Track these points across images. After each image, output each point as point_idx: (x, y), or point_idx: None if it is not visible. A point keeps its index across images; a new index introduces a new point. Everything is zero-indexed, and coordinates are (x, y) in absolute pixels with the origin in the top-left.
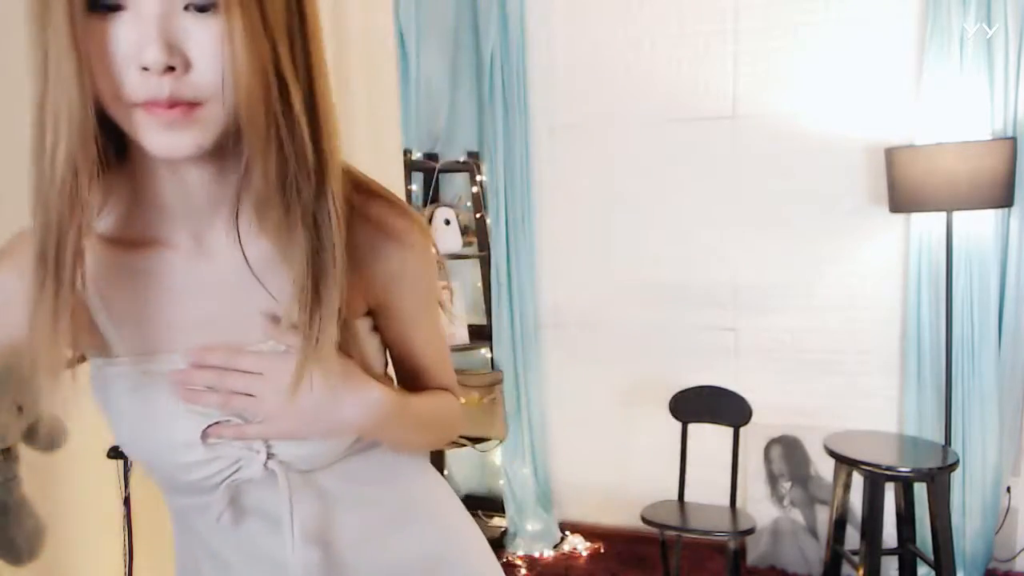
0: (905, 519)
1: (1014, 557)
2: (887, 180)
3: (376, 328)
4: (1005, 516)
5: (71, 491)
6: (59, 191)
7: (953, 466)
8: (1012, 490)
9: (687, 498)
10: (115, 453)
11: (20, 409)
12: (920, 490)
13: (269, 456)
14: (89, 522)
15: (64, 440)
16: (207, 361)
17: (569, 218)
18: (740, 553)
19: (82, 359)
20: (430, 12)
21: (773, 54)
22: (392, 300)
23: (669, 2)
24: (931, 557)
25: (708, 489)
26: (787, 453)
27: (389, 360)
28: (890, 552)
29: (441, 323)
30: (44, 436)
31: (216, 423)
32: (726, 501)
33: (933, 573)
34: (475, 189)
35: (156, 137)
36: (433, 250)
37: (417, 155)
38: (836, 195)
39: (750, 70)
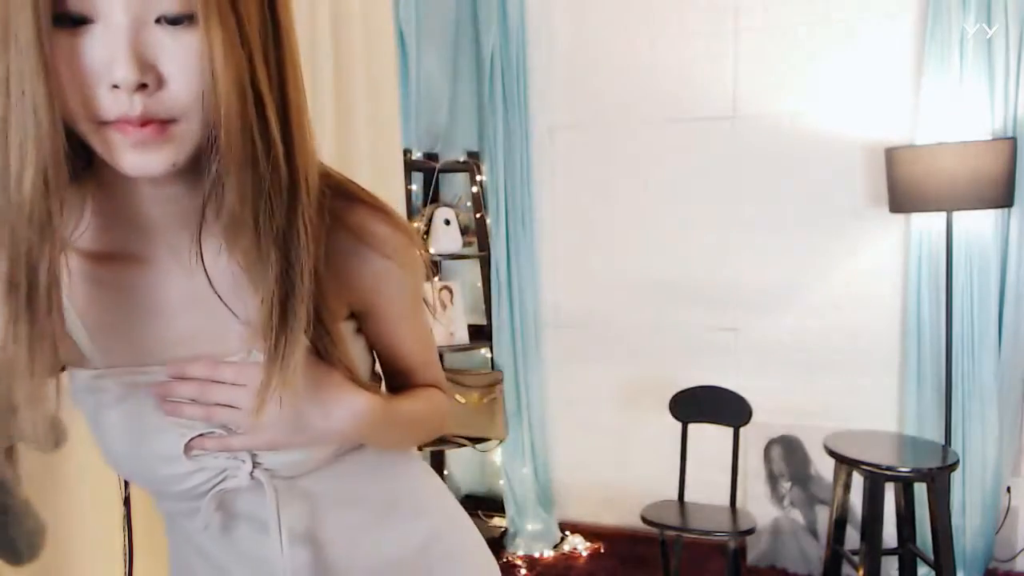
0: (905, 519)
1: (1014, 557)
2: (887, 180)
3: (361, 330)
4: (1005, 516)
5: (71, 491)
6: (28, 218)
7: (953, 466)
8: (1012, 490)
9: (687, 498)
10: None
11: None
12: (920, 490)
13: (255, 466)
14: (89, 522)
15: (64, 440)
16: (188, 373)
17: (569, 218)
18: (740, 553)
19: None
20: (430, 12)
21: (773, 54)
22: (375, 306)
23: (669, 2)
24: (931, 557)
25: (708, 489)
26: (787, 453)
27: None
28: (890, 552)
29: (427, 322)
30: (44, 436)
31: (200, 435)
32: (726, 501)
33: (933, 573)
34: (475, 189)
35: (128, 156)
36: (418, 253)
37: (417, 155)
38: (836, 195)
39: (750, 70)
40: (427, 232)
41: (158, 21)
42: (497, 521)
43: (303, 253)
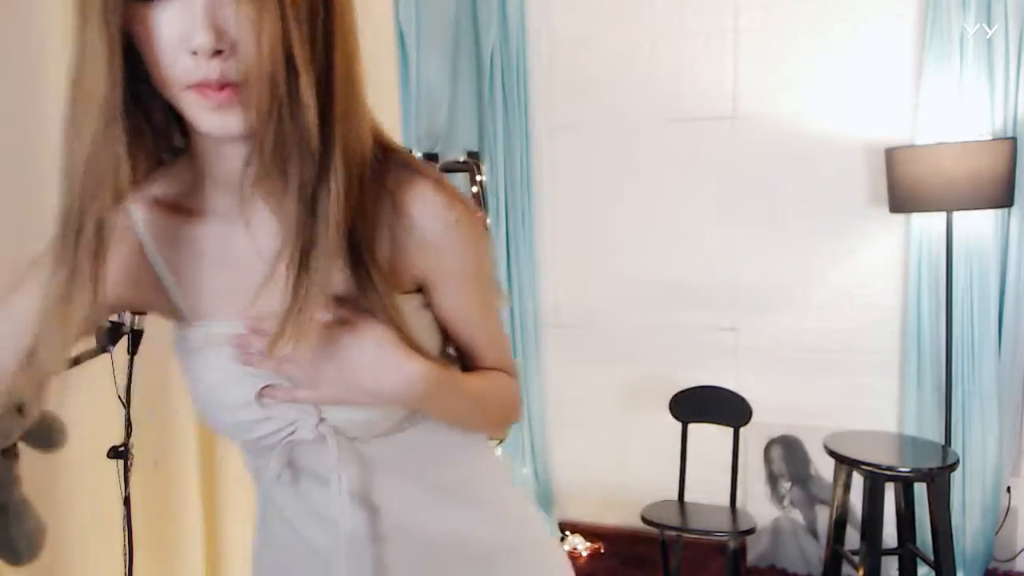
0: (905, 519)
1: (1014, 557)
2: (887, 180)
3: (429, 306)
4: (1005, 516)
5: (71, 491)
6: (84, 170)
7: (953, 466)
8: (1012, 490)
9: (687, 498)
10: (115, 453)
11: (20, 409)
12: (920, 490)
13: (320, 420)
14: (89, 522)
15: (64, 440)
16: (262, 327)
17: (569, 218)
18: (740, 553)
19: (103, 350)
20: (430, 12)
21: (773, 54)
22: (433, 277)
23: (669, 2)
24: (931, 557)
25: (708, 489)
26: (787, 453)
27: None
28: (890, 552)
29: (494, 304)
30: (44, 436)
31: (269, 385)
32: (726, 501)
33: (933, 573)
34: (475, 189)
35: (207, 117)
36: (479, 229)
37: (417, 155)
38: (836, 195)
39: (750, 70)
40: None
41: None
42: None
43: (331, 212)
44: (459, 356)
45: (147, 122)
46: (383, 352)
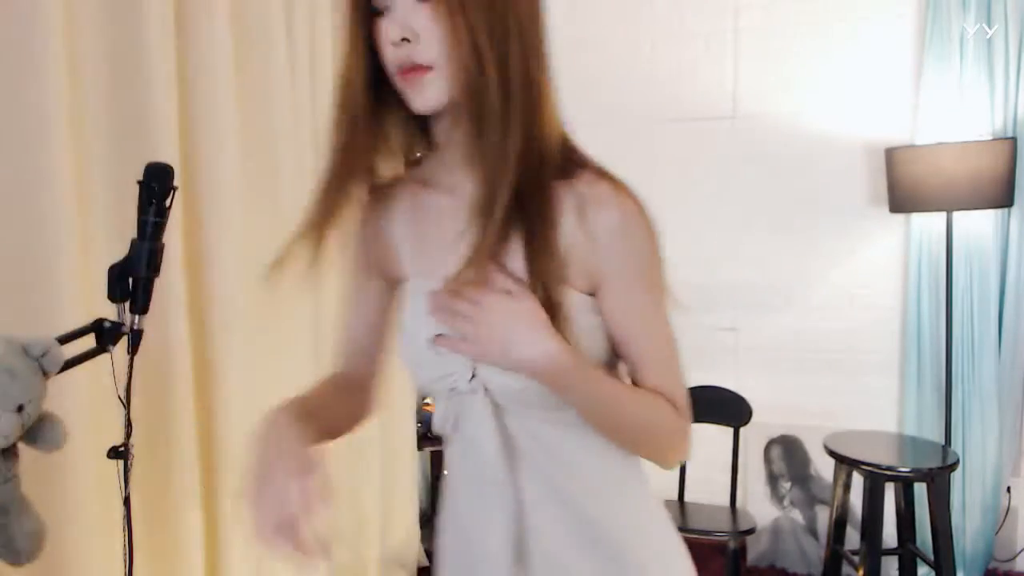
0: (905, 519)
1: (1014, 557)
2: (887, 180)
3: (600, 314)
4: (1005, 516)
5: (71, 491)
6: (343, 143)
7: (953, 466)
8: (1012, 490)
9: (687, 498)
10: (115, 453)
11: (20, 409)
12: (920, 490)
13: (473, 376)
14: (89, 522)
15: (64, 440)
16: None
17: None
18: (740, 553)
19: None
20: None
21: (773, 54)
22: (606, 273)
23: (669, 2)
24: (931, 557)
25: (708, 489)
26: (787, 453)
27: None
28: (890, 552)
29: (665, 317)
30: (44, 436)
31: (442, 335)
32: (726, 501)
33: (933, 573)
34: None
35: (411, 95)
36: (652, 232)
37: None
38: (836, 195)
39: (750, 70)
40: None
41: (418, 0)
42: None
43: (505, 185)
44: (627, 369)
45: (396, 123)
46: (528, 324)
